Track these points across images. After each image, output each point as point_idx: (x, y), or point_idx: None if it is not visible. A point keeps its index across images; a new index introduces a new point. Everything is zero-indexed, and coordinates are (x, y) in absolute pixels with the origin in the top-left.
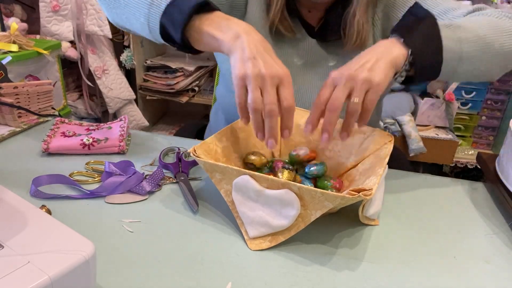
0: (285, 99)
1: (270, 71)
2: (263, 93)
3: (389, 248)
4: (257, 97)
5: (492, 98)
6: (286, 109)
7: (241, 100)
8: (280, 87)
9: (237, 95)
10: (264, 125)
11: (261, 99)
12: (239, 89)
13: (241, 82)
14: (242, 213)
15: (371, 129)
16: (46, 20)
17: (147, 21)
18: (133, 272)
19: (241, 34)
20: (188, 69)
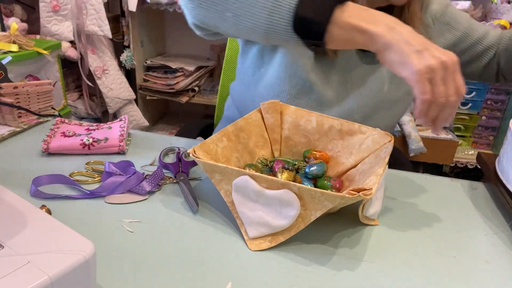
0: (462, 87)
1: (449, 58)
2: (447, 84)
3: (389, 248)
4: (442, 91)
5: (492, 98)
6: (461, 97)
7: (429, 95)
8: (456, 73)
9: (423, 91)
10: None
11: (444, 92)
12: (424, 84)
13: (426, 75)
14: (242, 213)
15: (371, 129)
16: (46, 20)
17: (270, 16)
18: (133, 272)
19: (394, 25)
20: (188, 69)
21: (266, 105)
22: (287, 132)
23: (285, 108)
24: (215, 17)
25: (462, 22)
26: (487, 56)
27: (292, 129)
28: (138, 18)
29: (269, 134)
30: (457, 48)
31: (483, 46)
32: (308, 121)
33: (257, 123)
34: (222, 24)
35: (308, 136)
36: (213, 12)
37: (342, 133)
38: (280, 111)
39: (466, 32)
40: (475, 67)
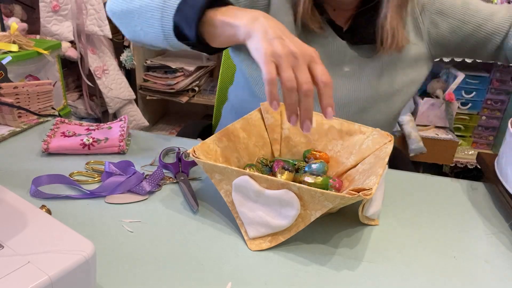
0: (322, 74)
1: (301, 49)
2: (297, 72)
3: (389, 248)
4: (292, 76)
5: (492, 98)
6: (326, 84)
7: (273, 75)
8: (313, 64)
9: (268, 71)
10: (300, 107)
11: (295, 77)
12: (268, 65)
13: (271, 58)
14: (242, 213)
15: (371, 129)
16: (46, 20)
17: (161, 25)
18: (133, 272)
19: (259, 17)
20: (188, 69)
21: (266, 105)
22: (287, 132)
23: (285, 108)
24: (132, 32)
25: (456, 9)
26: (493, 41)
27: (292, 129)
28: None
29: (269, 134)
30: (456, 36)
31: (486, 31)
32: None
33: (257, 123)
34: (139, 37)
35: (308, 136)
36: (129, 29)
37: (342, 133)
38: (280, 111)
39: (463, 19)
40: (485, 51)
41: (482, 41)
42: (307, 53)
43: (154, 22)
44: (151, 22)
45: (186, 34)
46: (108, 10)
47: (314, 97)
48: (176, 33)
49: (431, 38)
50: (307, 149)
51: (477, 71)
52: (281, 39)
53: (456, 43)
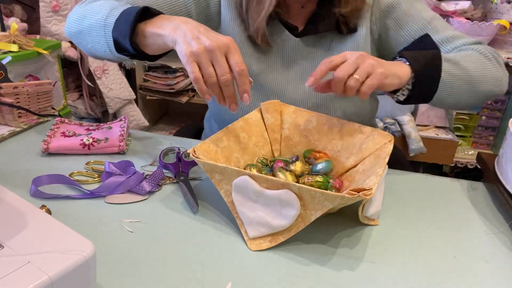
0: (236, 65)
1: (215, 42)
2: (215, 65)
3: (389, 248)
4: (212, 72)
5: None
6: (239, 73)
7: (196, 75)
8: (229, 54)
9: (191, 71)
10: (224, 95)
11: (214, 73)
12: (190, 65)
13: (190, 58)
14: (242, 213)
15: (371, 129)
16: (46, 20)
17: (105, 41)
18: (133, 272)
19: (180, 24)
20: None
21: (266, 105)
22: (287, 132)
23: (285, 108)
24: (87, 49)
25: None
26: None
27: (292, 129)
28: None
29: (269, 134)
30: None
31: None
32: (308, 121)
33: (257, 123)
34: (94, 53)
35: (308, 136)
36: (84, 47)
37: (342, 133)
38: (280, 111)
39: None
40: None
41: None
42: (222, 44)
43: (99, 39)
44: (97, 40)
45: (124, 47)
46: (66, 32)
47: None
48: (118, 47)
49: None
50: (307, 149)
51: None
52: (197, 38)
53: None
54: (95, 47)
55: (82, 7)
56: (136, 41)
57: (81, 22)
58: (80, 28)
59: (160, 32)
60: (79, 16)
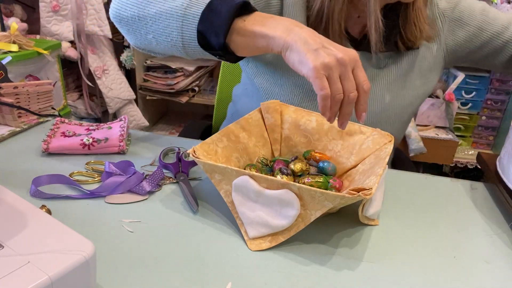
0: (364, 82)
1: (347, 56)
2: (344, 80)
3: (389, 248)
4: (340, 88)
5: (492, 98)
6: (366, 92)
7: (327, 91)
8: (356, 69)
9: (322, 87)
10: (341, 111)
11: (342, 89)
12: (321, 80)
13: (322, 72)
14: (242, 213)
15: (371, 129)
16: (46, 20)
17: (181, 34)
18: (133, 272)
19: (293, 27)
20: (188, 69)
21: (266, 105)
22: (287, 132)
23: (285, 108)
24: (141, 40)
25: (475, 16)
26: (508, 49)
27: (292, 129)
28: None
29: (269, 134)
30: (472, 44)
31: (502, 40)
32: (308, 121)
33: (257, 123)
34: (149, 45)
35: (308, 136)
36: (138, 36)
37: (342, 133)
38: (280, 111)
39: (481, 26)
40: (497, 61)
41: (497, 49)
42: (352, 58)
43: (172, 30)
44: (168, 31)
45: (211, 43)
46: (114, 15)
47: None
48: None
49: (448, 46)
50: (307, 149)
51: (477, 71)
52: (324, 47)
53: (471, 51)
54: (159, 38)
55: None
56: (227, 39)
57: (145, 6)
58: (142, 13)
59: (266, 32)
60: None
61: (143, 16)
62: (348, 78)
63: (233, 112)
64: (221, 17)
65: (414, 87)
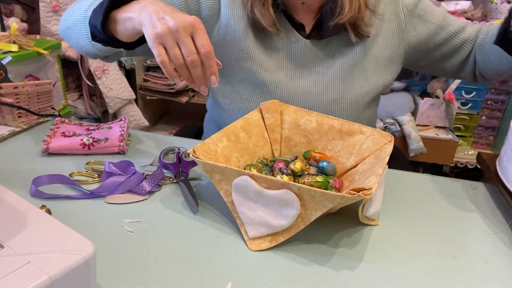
0: (202, 46)
1: (180, 22)
2: (180, 45)
3: (389, 248)
4: (178, 53)
5: (492, 98)
6: (206, 55)
7: (163, 57)
8: (195, 35)
9: (157, 54)
10: (192, 76)
11: (181, 54)
12: (156, 48)
13: (156, 41)
14: (242, 213)
15: (371, 130)
16: (46, 20)
17: (86, 32)
18: (133, 272)
19: (146, 6)
20: None
21: (266, 105)
22: (287, 132)
23: (285, 108)
24: (74, 45)
25: (436, 15)
26: (464, 50)
27: (292, 129)
28: None
29: (269, 134)
30: (432, 42)
31: (460, 39)
32: (308, 121)
33: (257, 123)
34: (80, 49)
35: (308, 136)
36: (71, 42)
37: (342, 133)
38: (280, 111)
39: (441, 24)
40: (452, 62)
41: (452, 50)
42: (187, 24)
43: (81, 32)
44: (80, 33)
45: (98, 35)
46: (59, 32)
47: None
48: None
49: (410, 42)
50: (307, 149)
51: None
52: (162, 19)
53: (430, 49)
54: (80, 42)
55: (73, 5)
56: (109, 29)
57: (68, 18)
58: (68, 24)
59: (128, 15)
60: (68, 13)
61: (68, 26)
62: (183, 43)
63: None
64: (100, 10)
65: (369, 76)
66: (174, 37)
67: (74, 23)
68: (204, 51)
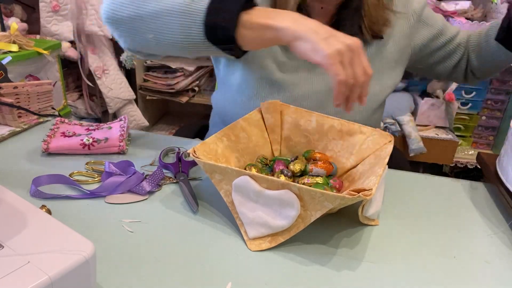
0: (368, 67)
1: (354, 42)
2: (355, 66)
3: (389, 248)
4: (353, 73)
5: (492, 98)
6: (370, 76)
7: (344, 77)
8: (360, 56)
9: (337, 73)
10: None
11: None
12: (337, 66)
13: (337, 58)
14: (242, 213)
15: (371, 130)
16: (46, 20)
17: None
18: (133, 272)
19: (299, 18)
20: (188, 69)
21: (266, 105)
22: (287, 132)
23: (285, 108)
24: (139, 40)
25: (437, 21)
26: (457, 54)
27: (292, 129)
28: None
29: (269, 134)
30: (431, 45)
31: (454, 44)
32: (308, 121)
33: (257, 123)
34: (148, 46)
35: (308, 136)
36: (137, 37)
37: (342, 133)
38: (280, 111)
39: (441, 30)
40: (446, 65)
41: (447, 54)
42: (358, 45)
43: (173, 26)
44: (170, 27)
45: (218, 37)
46: (108, 17)
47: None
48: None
49: (415, 44)
50: (307, 149)
51: None
52: (334, 36)
53: (428, 53)
54: (159, 36)
55: None
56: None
57: (141, 5)
58: (138, 12)
59: (274, 24)
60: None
61: (140, 15)
62: (359, 63)
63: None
64: (229, 11)
65: (381, 77)
66: (350, 56)
67: (159, 13)
68: (369, 72)
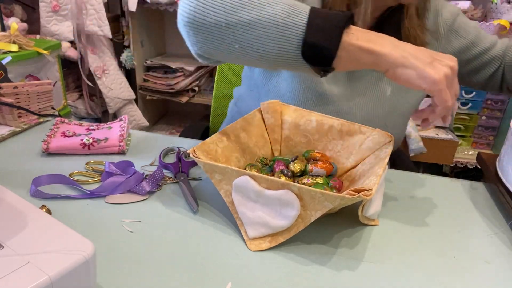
0: (458, 89)
1: (456, 63)
2: (453, 87)
3: (389, 248)
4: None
5: (492, 98)
6: (457, 97)
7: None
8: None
9: (447, 98)
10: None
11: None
12: (446, 92)
13: (444, 83)
14: (242, 213)
15: (371, 129)
16: (46, 20)
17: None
18: (133, 272)
19: (398, 43)
20: (188, 69)
21: (266, 105)
22: (287, 132)
23: (285, 108)
24: (222, 48)
25: (470, 31)
26: (492, 66)
27: (292, 129)
28: (138, 18)
29: (269, 134)
30: (463, 56)
31: (489, 56)
32: (308, 121)
33: (257, 123)
34: (228, 55)
35: (308, 136)
36: (220, 44)
37: (342, 133)
38: (280, 111)
39: (474, 41)
40: (480, 76)
41: (481, 65)
42: (456, 67)
43: (268, 41)
44: (263, 41)
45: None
46: (190, 20)
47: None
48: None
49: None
50: (307, 149)
51: None
52: (436, 60)
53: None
54: (248, 48)
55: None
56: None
57: (237, 12)
58: (229, 20)
59: (374, 49)
60: (232, 4)
61: (233, 23)
62: (455, 84)
63: (235, 113)
64: (330, 30)
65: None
66: (452, 79)
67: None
68: (457, 94)
